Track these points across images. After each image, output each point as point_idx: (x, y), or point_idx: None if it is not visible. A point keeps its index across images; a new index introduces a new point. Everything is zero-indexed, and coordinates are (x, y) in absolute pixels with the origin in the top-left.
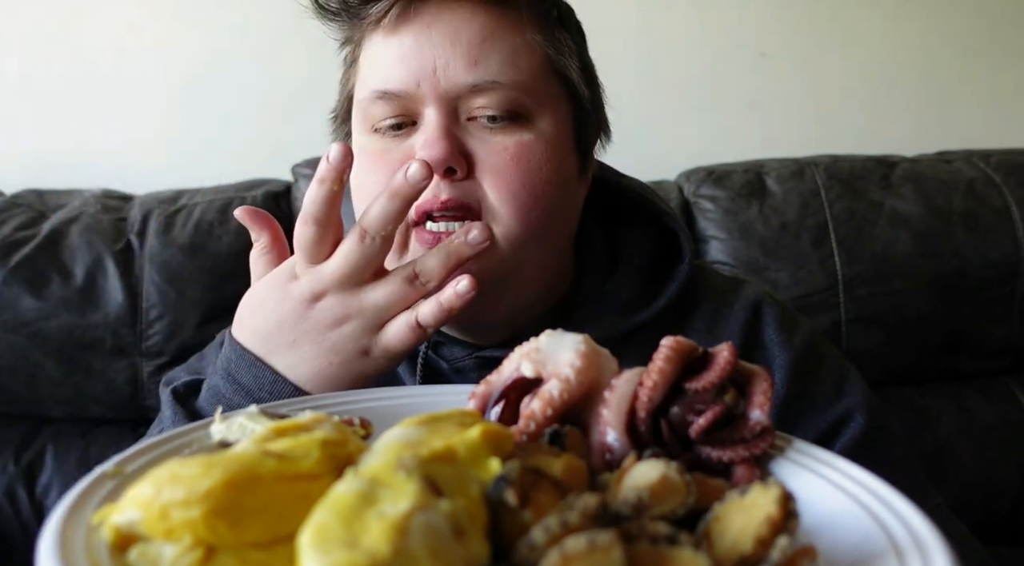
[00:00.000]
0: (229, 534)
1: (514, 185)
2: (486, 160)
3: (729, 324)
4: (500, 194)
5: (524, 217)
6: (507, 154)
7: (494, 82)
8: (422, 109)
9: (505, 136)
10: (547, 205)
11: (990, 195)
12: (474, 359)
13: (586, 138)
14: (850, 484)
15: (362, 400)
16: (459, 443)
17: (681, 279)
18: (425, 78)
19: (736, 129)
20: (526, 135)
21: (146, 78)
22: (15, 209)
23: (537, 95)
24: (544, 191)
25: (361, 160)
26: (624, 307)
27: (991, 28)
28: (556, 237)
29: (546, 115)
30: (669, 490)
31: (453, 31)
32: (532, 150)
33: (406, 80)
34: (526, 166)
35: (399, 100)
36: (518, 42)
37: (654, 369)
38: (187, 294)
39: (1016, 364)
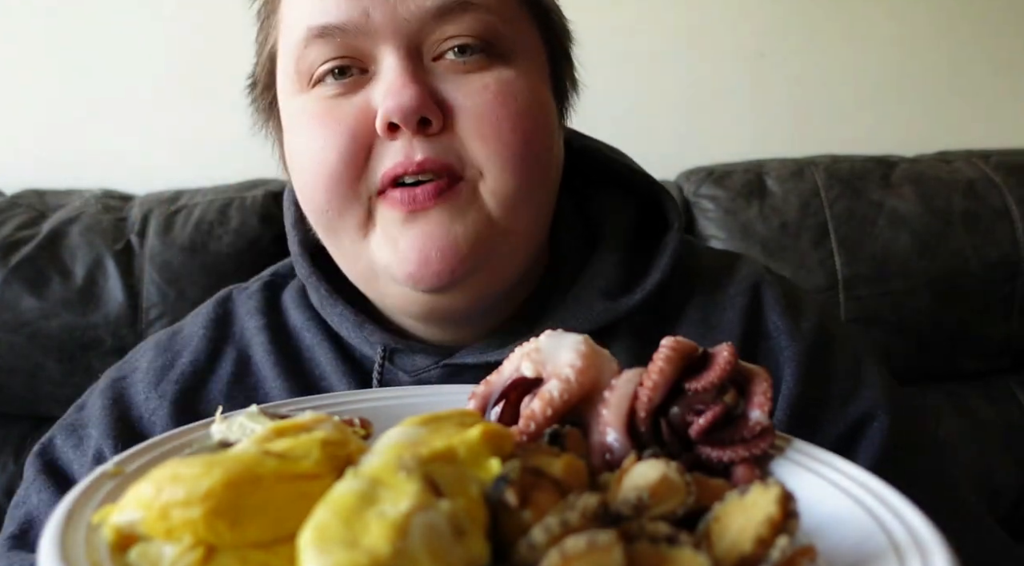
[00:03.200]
0: (229, 534)
1: (502, 130)
2: (464, 104)
3: (726, 312)
4: (487, 143)
5: (517, 167)
6: (488, 93)
7: (465, 1)
8: (374, 50)
9: (483, 74)
10: (539, 154)
11: (990, 195)
12: (440, 368)
13: (562, 84)
14: (850, 484)
15: (362, 400)
16: (459, 443)
17: (672, 248)
18: (376, 5)
19: (736, 129)
20: (507, 71)
21: (146, 78)
22: (15, 209)
23: (513, 23)
24: (535, 137)
25: (300, 124)
26: (612, 290)
27: (991, 28)
28: (545, 198)
29: (525, 49)
30: (669, 490)
31: None
32: (517, 88)
33: (351, 9)
34: (513, 107)
35: (344, 36)
36: None
37: (654, 369)
38: (187, 294)
39: (1016, 364)
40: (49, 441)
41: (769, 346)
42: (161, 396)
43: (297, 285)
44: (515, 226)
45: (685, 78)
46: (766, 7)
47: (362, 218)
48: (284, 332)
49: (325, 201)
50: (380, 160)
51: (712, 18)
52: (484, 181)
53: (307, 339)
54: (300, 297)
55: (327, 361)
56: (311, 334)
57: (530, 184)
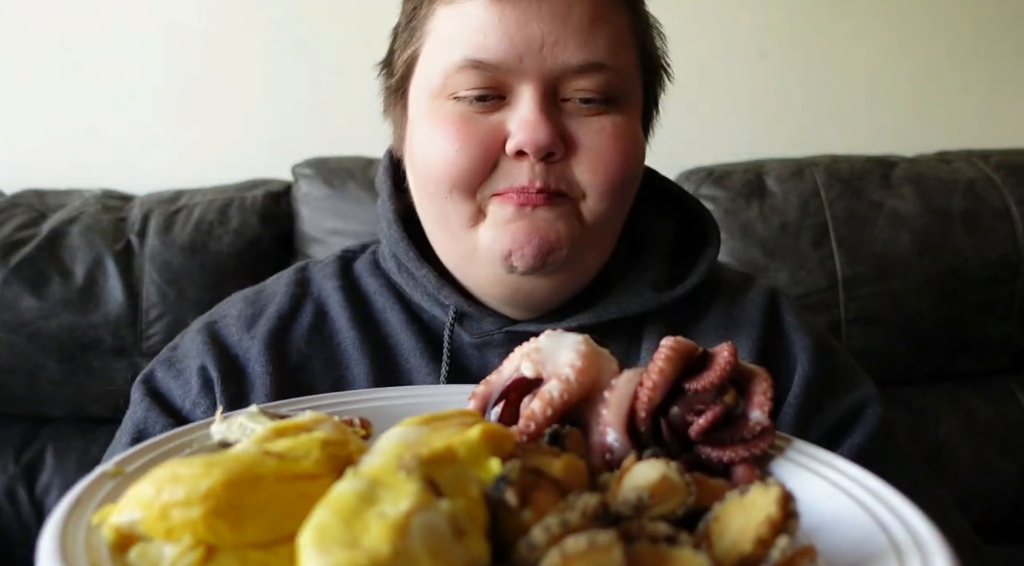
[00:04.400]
0: (229, 534)
1: (611, 167)
2: (585, 142)
3: (747, 309)
4: (597, 176)
5: (612, 197)
6: (605, 135)
7: (600, 65)
8: (516, 85)
9: (601, 117)
10: (630, 184)
11: (990, 195)
12: (503, 334)
13: (649, 122)
14: (850, 484)
15: (362, 400)
16: (459, 443)
17: (712, 258)
18: (530, 54)
19: (736, 129)
20: (619, 117)
21: (146, 78)
22: (15, 209)
23: (631, 80)
24: (632, 171)
25: (433, 123)
26: (658, 283)
27: (991, 28)
28: (624, 216)
29: (632, 98)
30: (669, 490)
31: (565, 8)
32: (624, 131)
33: (507, 52)
34: (623, 148)
35: (495, 72)
36: (623, 25)
37: (654, 369)
38: (187, 294)
39: (1016, 364)
40: (150, 372)
41: (785, 341)
42: (252, 337)
43: (369, 258)
44: (601, 239)
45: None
46: (767, 7)
47: (474, 212)
48: (357, 294)
49: (447, 193)
50: (503, 175)
51: (712, 18)
52: (585, 202)
53: (379, 302)
54: (373, 267)
55: (397, 321)
56: (383, 298)
57: (619, 208)
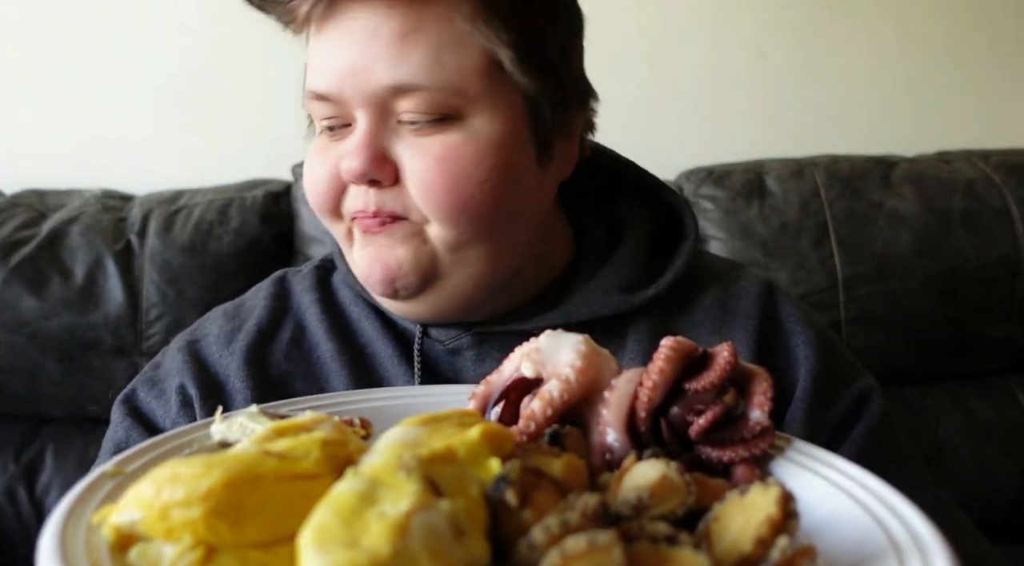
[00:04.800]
0: (229, 534)
1: (438, 192)
2: (409, 167)
3: (742, 301)
4: (426, 203)
5: (455, 224)
6: (431, 159)
7: (415, 85)
8: (352, 111)
9: (431, 138)
10: (482, 208)
11: (990, 195)
12: (471, 335)
13: (546, 127)
14: (850, 484)
15: (362, 400)
16: (459, 443)
17: (687, 254)
18: (348, 81)
19: (736, 129)
20: (455, 136)
21: (146, 78)
22: (15, 209)
23: (468, 93)
24: (475, 195)
25: (310, 152)
26: (628, 284)
27: (991, 28)
28: (508, 231)
29: (482, 112)
30: (669, 490)
31: (372, 29)
32: (459, 153)
33: (331, 83)
34: (451, 171)
35: (331, 102)
36: (445, 36)
37: (654, 369)
38: (187, 294)
39: (1016, 364)
40: (132, 391)
41: (784, 332)
42: (232, 353)
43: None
44: (464, 264)
45: (685, 78)
46: (767, 7)
47: (346, 232)
48: (335, 305)
49: (322, 216)
50: (350, 198)
51: (712, 18)
52: (429, 225)
53: (355, 312)
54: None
55: (373, 330)
56: (358, 308)
57: (475, 235)
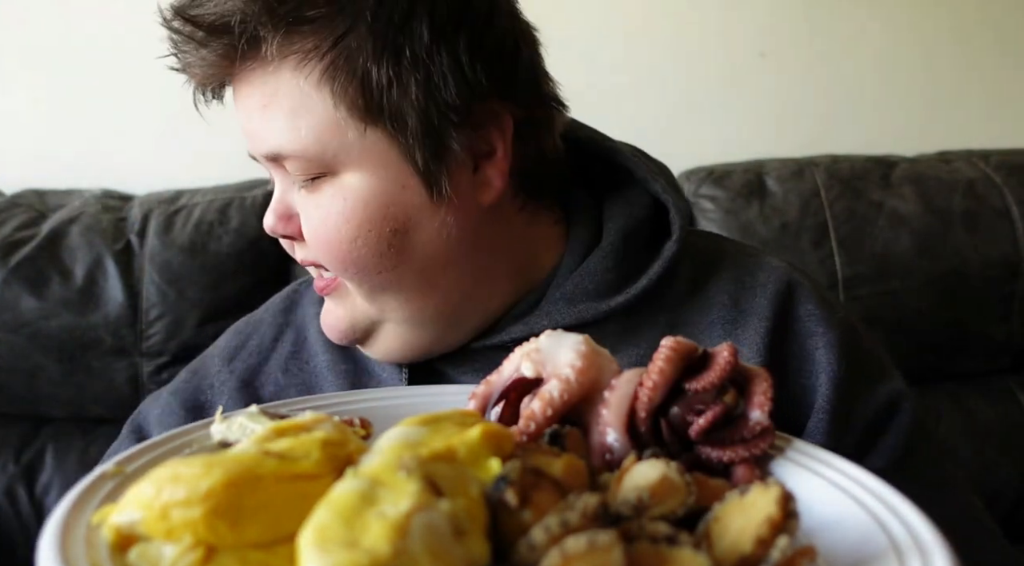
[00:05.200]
0: (229, 534)
1: (319, 250)
2: (304, 227)
3: (757, 296)
4: (320, 259)
5: (347, 274)
6: (312, 220)
7: (280, 153)
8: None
9: (309, 197)
10: (366, 259)
11: (990, 195)
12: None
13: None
14: (850, 484)
15: (362, 400)
16: (459, 443)
17: (667, 258)
18: (250, 146)
19: (736, 129)
20: (325, 194)
21: (146, 78)
22: (15, 209)
23: (328, 154)
24: (350, 249)
25: None
26: (601, 290)
27: (991, 28)
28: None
29: (350, 168)
30: (669, 490)
31: (244, 103)
32: (329, 211)
33: (248, 145)
34: (323, 229)
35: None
36: (296, 101)
37: (654, 369)
38: (187, 294)
39: (1016, 364)
40: (143, 407)
41: (801, 333)
42: (231, 371)
43: None
44: (386, 311)
45: (686, 78)
46: (766, 7)
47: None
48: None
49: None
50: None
51: (712, 18)
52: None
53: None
54: None
55: None
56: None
57: (375, 283)
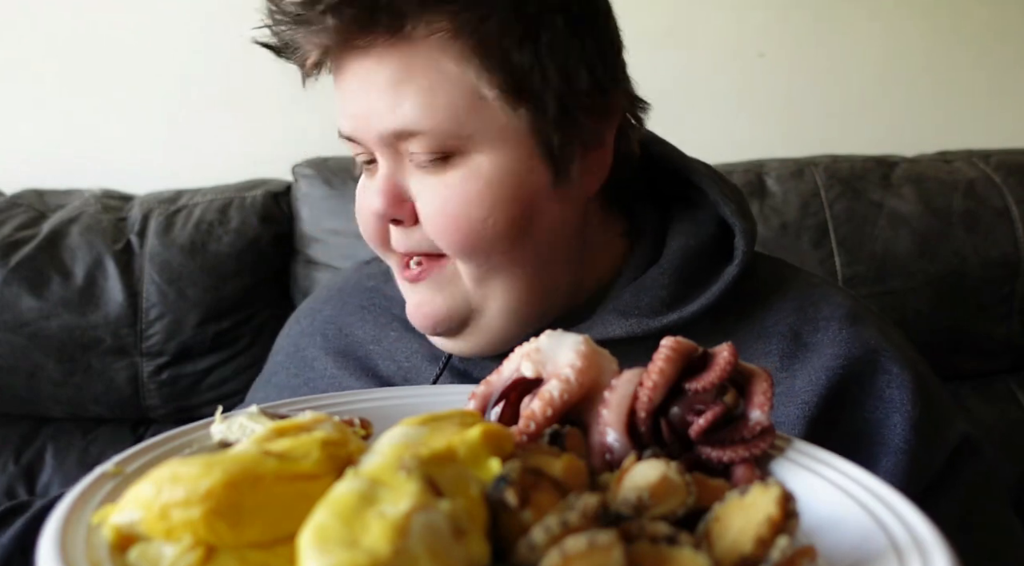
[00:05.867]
0: (229, 534)
1: (445, 231)
2: (422, 209)
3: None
4: (438, 240)
5: (471, 258)
6: (437, 198)
7: (411, 130)
8: (373, 150)
9: (436, 178)
10: (493, 240)
11: (990, 195)
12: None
13: (556, 149)
14: (850, 484)
15: (362, 400)
16: (459, 443)
17: (727, 281)
18: (359, 126)
19: (736, 129)
20: (456, 174)
21: (146, 78)
22: (15, 209)
23: (464, 132)
24: (480, 230)
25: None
26: (656, 305)
27: (991, 28)
28: (529, 258)
29: (482, 148)
30: (669, 490)
31: (366, 77)
32: (460, 191)
33: (348, 126)
34: (454, 210)
35: (354, 143)
36: (433, 80)
37: (654, 369)
38: (187, 294)
39: (1016, 364)
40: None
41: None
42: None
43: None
44: (490, 298)
45: (686, 78)
46: (765, 7)
47: (398, 265)
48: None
49: (373, 249)
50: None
51: (712, 18)
52: (455, 261)
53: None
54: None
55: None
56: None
57: (493, 266)
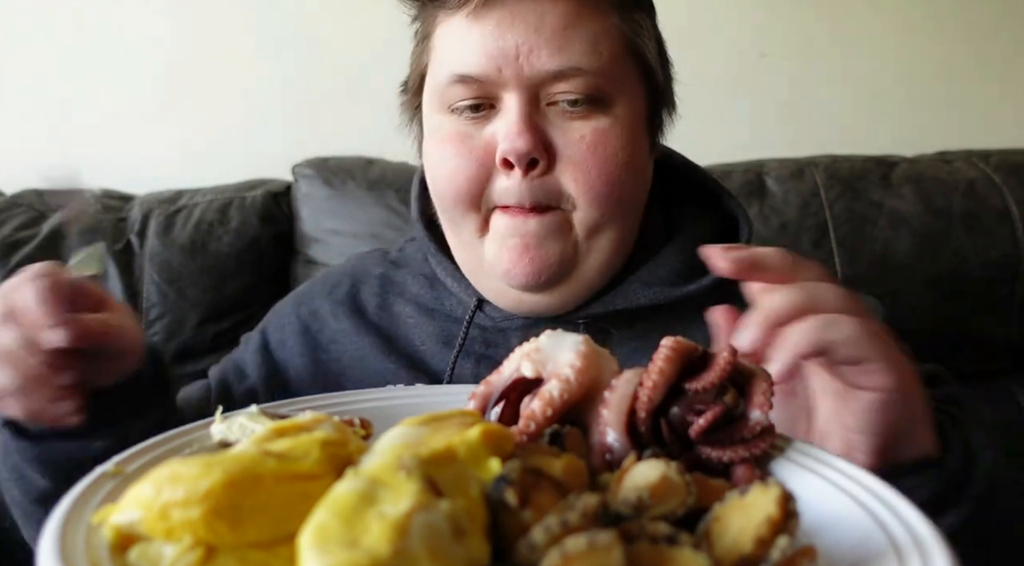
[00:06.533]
0: (229, 534)
1: (591, 175)
2: (565, 150)
3: None
4: (579, 185)
5: (601, 204)
6: (584, 143)
7: (577, 68)
8: (502, 93)
9: (583, 122)
10: (622, 190)
11: (990, 195)
12: (522, 319)
13: (658, 117)
14: (850, 484)
15: (362, 400)
16: (459, 443)
17: None
18: (508, 64)
19: (736, 129)
20: (603, 120)
21: (146, 78)
22: (15, 209)
23: (616, 80)
24: (619, 177)
25: (437, 140)
26: (672, 278)
27: (991, 28)
28: (629, 218)
29: (623, 99)
30: (669, 490)
31: (537, 17)
32: (609, 137)
33: (487, 65)
34: (603, 154)
35: (479, 84)
36: (599, 27)
37: (654, 369)
38: (187, 294)
39: (1016, 364)
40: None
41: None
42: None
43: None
44: (597, 250)
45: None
46: (766, 7)
47: (480, 223)
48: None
49: (452, 205)
50: (498, 189)
51: (712, 18)
52: (576, 212)
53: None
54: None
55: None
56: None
57: (612, 216)
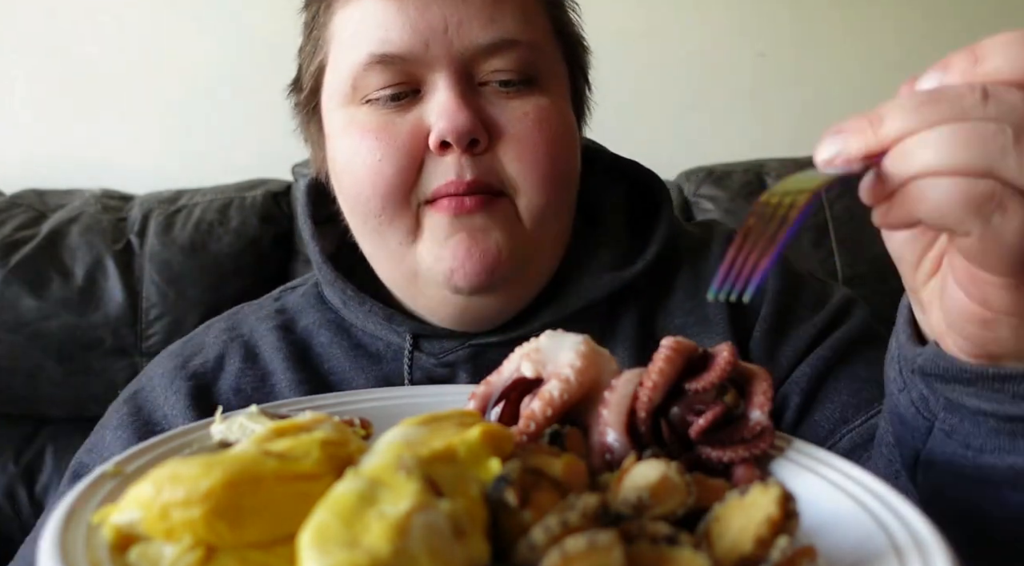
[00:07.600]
0: (229, 534)
1: (538, 154)
2: (508, 128)
3: (709, 261)
4: (524, 165)
5: (548, 188)
6: (528, 120)
7: (512, 40)
8: (428, 74)
9: (523, 101)
10: (565, 173)
11: None
12: (466, 349)
13: (581, 102)
14: (850, 484)
15: (362, 400)
16: (459, 443)
17: (667, 221)
18: (435, 38)
19: (736, 129)
20: (543, 99)
21: (146, 78)
22: (15, 209)
23: (547, 57)
24: (564, 157)
25: (350, 135)
26: (616, 262)
27: (991, 28)
28: (569, 209)
29: (555, 80)
30: (669, 490)
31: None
32: (551, 114)
33: (412, 41)
34: (548, 133)
35: (402, 64)
36: (528, 5)
37: (654, 369)
38: (187, 294)
39: None
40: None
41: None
42: (176, 391)
43: (312, 291)
44: (545, 237)
45: (685, 78)
46: (766, 7)
47: (411, 224)
48: (295, 333)
49: (379, 208)
50: (431, 175)
51: (713, 18)
52: (519, 198)
53: (323, 338)
54: (316, 301)
55: (344, 356)
56: (328, 333)
57: (558, 200)
